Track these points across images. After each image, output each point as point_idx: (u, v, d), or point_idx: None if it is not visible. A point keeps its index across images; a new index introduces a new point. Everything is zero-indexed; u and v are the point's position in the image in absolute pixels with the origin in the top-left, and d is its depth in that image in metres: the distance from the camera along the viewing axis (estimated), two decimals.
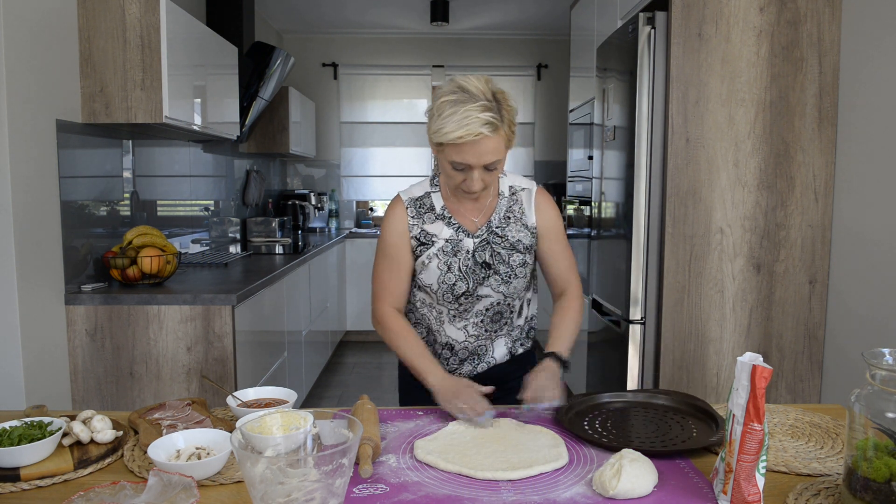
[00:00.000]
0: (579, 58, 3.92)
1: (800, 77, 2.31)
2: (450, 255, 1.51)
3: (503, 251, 1.52)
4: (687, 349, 2.39)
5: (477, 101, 1.31)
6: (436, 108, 1.35)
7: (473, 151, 1.33)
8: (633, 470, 1.03)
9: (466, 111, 1.30)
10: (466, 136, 1.30)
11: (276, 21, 5.34)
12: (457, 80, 1.35)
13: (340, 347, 5.35)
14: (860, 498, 0.91)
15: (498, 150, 1.35)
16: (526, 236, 1.54)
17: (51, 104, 2.23)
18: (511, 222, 1.54)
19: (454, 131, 1.31)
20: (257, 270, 3.02)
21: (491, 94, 1.34)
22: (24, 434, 1.14)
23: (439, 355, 1.62)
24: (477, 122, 1.30)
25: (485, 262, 1.52)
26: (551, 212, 1.57)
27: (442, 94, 1.35)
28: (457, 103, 1.31)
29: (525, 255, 1.54)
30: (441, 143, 1.35)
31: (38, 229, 2.17)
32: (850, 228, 2.25)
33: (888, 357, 0.92)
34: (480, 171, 1.37)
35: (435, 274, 1.51)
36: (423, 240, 1.53)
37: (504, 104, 1.35)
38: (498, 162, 1.37)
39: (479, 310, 1.56)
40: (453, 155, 1.35)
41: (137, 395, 2.38)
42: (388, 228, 1.55)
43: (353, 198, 5.95)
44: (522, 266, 1.54)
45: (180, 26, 2.55)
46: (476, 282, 1.52)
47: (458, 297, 1.53)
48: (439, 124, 1.33)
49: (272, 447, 0.97)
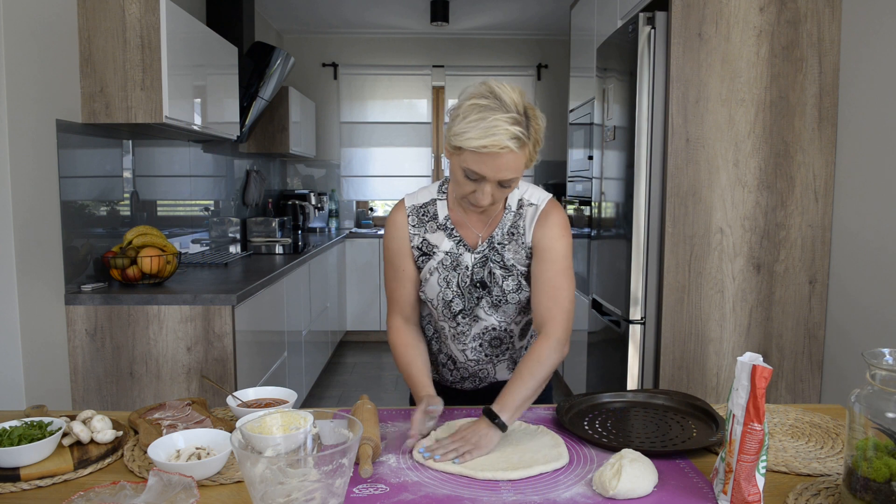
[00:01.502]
0: (579, 58, 3.92)
1: (800, 77, 2.31)
2: (449, 270, 1.44)
3: (499, 272, 1.43)
4: (687, 349, 2.39)
5: (508, 112, 1.22)
6: (462, 110, 1.25)
7: (493, 164, 1.23)
8: (633, 470, 1.03)
9: (495, 120, 1.20)
10: (491, 147, 1.21)
11: (276, 21, 5.34)
12: (490, 84, 1.25)
13: (340, 347, 5.35)
14: (860, 498, 0.91)
15: (518, 167, 1.25)
16: (521, 259, 1.44)
17: (51, 104, 2.23)
18: (513, 240, 1.44)
19: (479, 139, 1.21)
20: (257, 270, 3.02)
21: (523, 107, 1.24)
22: (24, 434, 1.14)
23: (444, 365, 1.59)
24: (505, 134, 1.20)
25: (481, 280, 1.44)
26: (552, 229, 1.41)
27: (471, 95, 1.25)
28: (486, 109, 1.22)
29: (521, 280, 1.43)
30: (460, 147, 1.25)
31: (38, 229, 2.17)
32: (850, 228, 2.25)
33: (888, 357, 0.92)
34: (493, 185, 1.27)
35: (435, 289, 1.45)
36: (424, 249, 1.46)
37: (533, 121, 1.26)
38: (514, 180, 1.28)
39: (477, 333, 1.49)
40: (470, 163, 1.25)
41: (137, 395, 2.38)
42: (388, 236, 1.48)
43: (353, 198, 5.95)
44: (516, 292, 1.43)
45: (180, 26, 2.55)
46: (472, 302, 1.45)
47: (456, 316, 1.47)
48: (463, 127, 1.23)
49: (272, 447, 0.97)
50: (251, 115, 3.73)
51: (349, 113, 5.84)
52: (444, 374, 1.60)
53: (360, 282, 5.41)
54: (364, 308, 5.43)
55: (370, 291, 5.42)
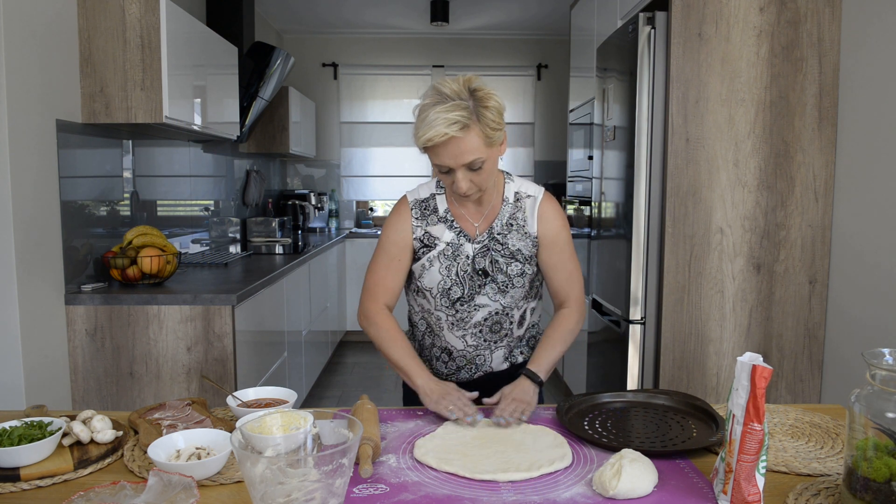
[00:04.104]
0: (579, 58, 3.92)
1: (800, 77, 2.31)
2: (450, 259, 1.51)
3: (502, 259, 1.51)
4: (687, 349, 2.39)
5: (447, 102, 1.29)
6: (416, 115, 1.35)
7: (447, 153, 1.32)
8: (633, 470, 1.03)
9: (434, 113, 1.29)
10: (435, 138, 1.29)
11: (276, 21, 5.34)
12: (434, 84, 1.35)
13: (340, 347, 5.35)
14: (860, 498, 0.91)
15: (475, 149, 1.32)
16: (526, 246, 1.52)
17: (51, 104, 2.23)
18: (513, 230, 1.52)
19: (424, 134, 1.30)
20: (257, 270, 3.02)
21: (468, 92, 1.31)
22: (24, 434, 1.14)
23: (437, 358, 1.61)
24: (443, 122, 1.28)
25: (483, 269, 1.50)
26: (555, 221, 1.53)
27: (421, 99, 1.35)
28: (428, 107, 1.31)
29: (524, 265, 1.52)
30: (421, 147, 1.35)
31: (38, 229, 2.17)
32: (849, 228, 2.25)
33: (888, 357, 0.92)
34: (464, 171, 1.35)
35: (436, 278, 1.51)
36: (426, 241, 1.52)
37: (483, 101, 1.32)
38: (480, 161, 1.34)
39: (478, 320, 1.54)
40: (432, 158, 1.35)
41: (137, 395, 2.38)
42: (391, 226, 1.54)
43: (352, 198, 5.95)
44: (520, 276, 1.52)
45: (180, 26, 2.55)
46: (472, 289, 1.51)
47: (454, 303, 1.52)
48: (415, 129, 1.33)
49: (272, 447, 0.97)
50: (251, 115, 3.73)
51: (349, 113, 5.84)
52: (439, 367, 1.63)
53: (360, 282, 5.37)
54: None
55: None
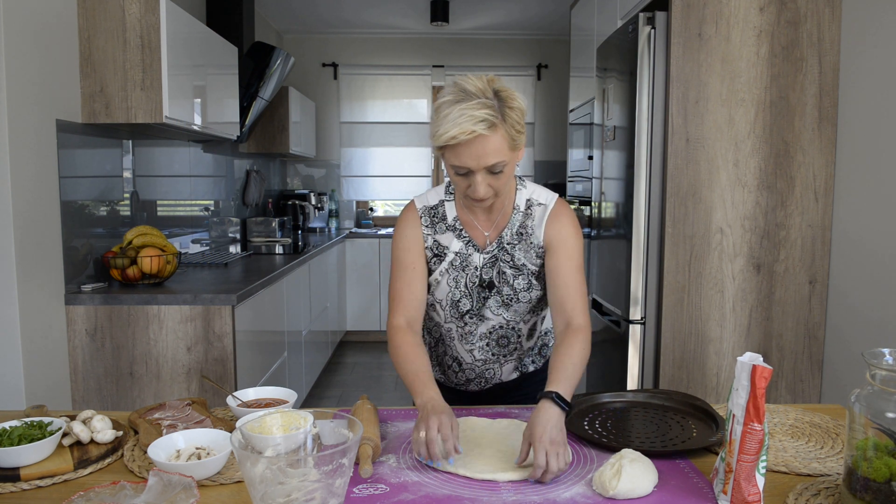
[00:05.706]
0: (579, 58, 3.92)
1: (800, 77, 2.31)
2: (458, 270, 1.45)
3: (509, 271, 1.44)
4: (687, 349, 2.39)
5: (473, 100, 1.22)
6: (434, 112, 1.27)
7: (471, 152, 1.24)
8: (633, 470, 1.03)
9: (460, 109, 1.21)
10: (460, 136, 1.21)
11: (276, 21, 5.34)
12: (456, 80, 1.27)
13: (340, 347, 5.35)
14: (860, 498, 0.91)
15: (499, 150, 1.25)
16: (532, 258, 1.44)
17: (51, 104, 2.23)
18: (522, 240, 1.44)
19: (448, 131, 1.21)
20: (257, 270, 3.02)
21: (492, 91, 1.24)
22: (24, 434, 1.14)
23: (449, 367, 1.59)
24: (471, 119, 1.20)
25: (490, 281, 1.45)
26: (565, 229, 1.42)
27: (441, 95, 1.28)
28: (452, 103, 1.23)
29: (531, 279, 1.45)
30: (441, 146, 1.26)
31: (38, 229, 2.17)
32: (849, 228, 2.25)
33: (888, 357, 0.92)
34: (483, 174, 1.27)
35: (445, 290, 1.46)
36: (436, 251, 1.46)
37: (508, 102, 1.25)
38: (502, 164, 1.27)
39: (483, 332, 1.50)
40: (452, 158, 1.26)
41: (137, 395, 2.38)
42: (401, 235, 1.47)
43: (352, 198, 5.95)
44: (527, 290, 1.45)
45: (180, 26, 2.55)
46: (479, 301, 1.46)
47: (463, 316, 1.48)
48: (436, 126, 1.25)
49: (272, 447, 0.97)
50: (251, 115, 3.73)
51: (349, 113, 5.84)
52: (450, 376, 1.61)
53: (360, 282, 5.41)
54: (364, 308, 5.43)
55: (370, 291, 5.42)
